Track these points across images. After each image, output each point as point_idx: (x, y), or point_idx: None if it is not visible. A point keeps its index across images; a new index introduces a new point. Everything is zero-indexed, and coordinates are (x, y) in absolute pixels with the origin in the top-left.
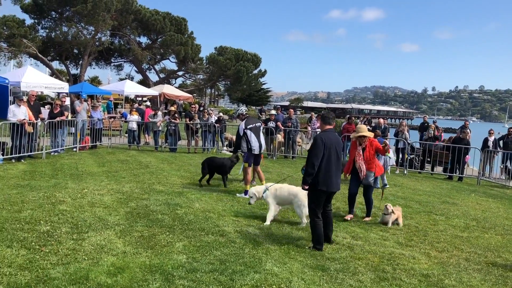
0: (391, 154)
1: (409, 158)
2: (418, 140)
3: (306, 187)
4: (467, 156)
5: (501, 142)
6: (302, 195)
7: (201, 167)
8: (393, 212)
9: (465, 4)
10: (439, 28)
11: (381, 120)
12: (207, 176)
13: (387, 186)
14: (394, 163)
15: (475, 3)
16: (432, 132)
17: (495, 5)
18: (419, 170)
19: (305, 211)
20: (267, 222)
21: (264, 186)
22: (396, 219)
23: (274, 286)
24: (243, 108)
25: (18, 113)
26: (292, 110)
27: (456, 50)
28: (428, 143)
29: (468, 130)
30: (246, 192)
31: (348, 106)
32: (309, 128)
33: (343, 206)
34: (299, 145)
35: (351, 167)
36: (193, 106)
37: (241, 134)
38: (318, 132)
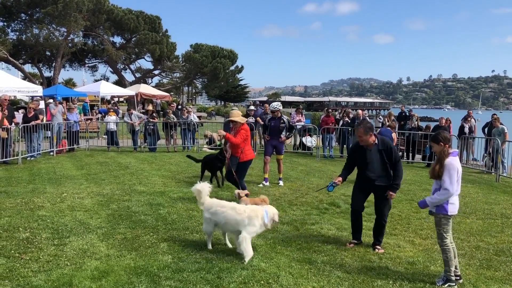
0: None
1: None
2: (397, 130)
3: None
4: None
5: (485, 129)
6: None
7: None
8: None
9: None
10: (412, 19)
11: (360, 112)
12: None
13: None
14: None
15: None
16: (416, 122)
17: None
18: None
19: None
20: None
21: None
22: None
23: (262, 282)
24: (279, 103)
25: None
26: (267, 105)
27: (429, 40)
28: (413, 132)
29: (473, 119)
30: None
31: (326, 99)
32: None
33: (326, 198)
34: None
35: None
36: (172, 105)
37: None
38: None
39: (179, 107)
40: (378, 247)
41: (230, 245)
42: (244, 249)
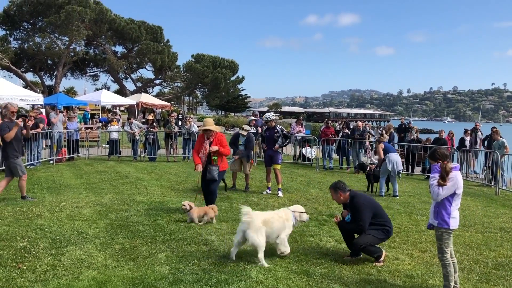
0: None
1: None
2: (397, 142)
3: None
4: None
5: (485, 142)
6: None
7: None
8: (190, 208)
9: (438, 7)
10: (413, 31)
11: (360, 123)
12: None
13: (397, 196)
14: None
15: (447, 7)
16: (415, 134)
17: (466, 8)
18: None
19: None
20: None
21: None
22: (205, 215)
23: None
24: (272, 114)
25: None
26: None
27: (430, 52)
28: (412, 144)
29: (480, 132)
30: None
31: (326, 110)
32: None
33: (325, 209)
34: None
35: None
36: (172, 114)
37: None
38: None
39: (180, 116)
40: (376, 262)
41: (234, 258)
42: (286, 248)
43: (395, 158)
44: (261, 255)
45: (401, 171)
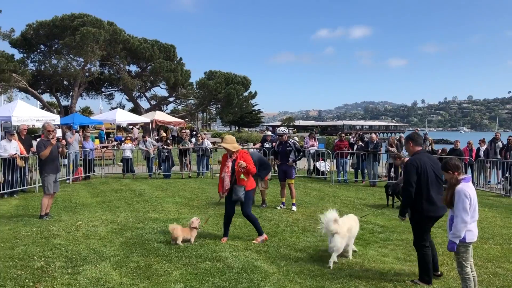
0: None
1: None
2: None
3: (404, 219)
4: None
5: (503, 152)
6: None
7: None
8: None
9: (449, 18)
10: (426, 42)
11: (374, 136)
12: None
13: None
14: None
15: (459, 17)
16: (430, 146)
17: (477, 18)
18: None
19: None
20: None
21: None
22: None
23: None
24: (284, 128)
25: (9, 148)
26: None
27: (443, 62)
28: None
29: (500, 142)
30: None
31: (340, 122)
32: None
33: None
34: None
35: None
36: (184, 131)
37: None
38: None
39: (194, 133)
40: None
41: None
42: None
43: None
44: (333, 258)
45: None
